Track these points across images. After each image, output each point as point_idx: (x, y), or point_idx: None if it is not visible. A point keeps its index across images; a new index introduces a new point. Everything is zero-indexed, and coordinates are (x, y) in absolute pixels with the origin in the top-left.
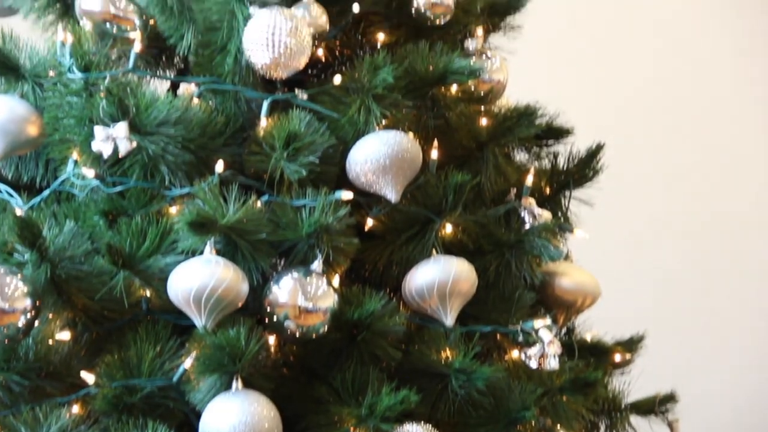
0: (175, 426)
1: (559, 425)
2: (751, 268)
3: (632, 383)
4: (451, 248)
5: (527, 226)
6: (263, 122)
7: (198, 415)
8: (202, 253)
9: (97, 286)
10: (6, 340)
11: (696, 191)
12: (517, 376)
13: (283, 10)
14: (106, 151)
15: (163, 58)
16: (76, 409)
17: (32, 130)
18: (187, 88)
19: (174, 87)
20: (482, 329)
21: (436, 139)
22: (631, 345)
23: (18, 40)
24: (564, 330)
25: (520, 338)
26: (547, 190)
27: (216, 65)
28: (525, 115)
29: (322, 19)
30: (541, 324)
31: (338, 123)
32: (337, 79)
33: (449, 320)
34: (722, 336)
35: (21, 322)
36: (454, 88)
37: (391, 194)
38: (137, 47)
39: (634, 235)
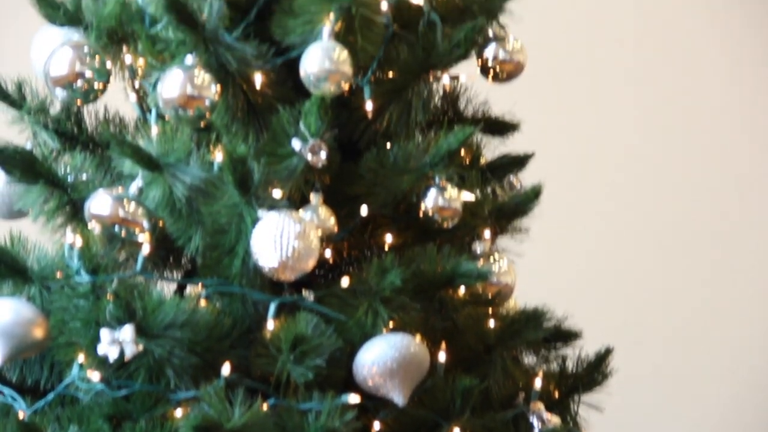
0: None
1: None
2: None
3: None
4: None
5: (536, 431)
6: (270, 324)
7: None
8: None
9: None
10: None
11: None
12: None
13: (292, 213)
14: (112, 355)
15: (171, 260)
16: None
17: (38, 333)
18: (194, 290)
19: (181, 288)
20: None
21: (443, 342)
22: None
23: (26, 242)
24: None
25: None
26: (556, 394)
27: (223, 267)
28: (533, 318)
29: (330, 221)
30: None
31: (345, 325)
32: (345, 282)
33: None
34: None
35: None
36: (461, 290)
37: (399, 398)
38: (145, 250)
39: None
